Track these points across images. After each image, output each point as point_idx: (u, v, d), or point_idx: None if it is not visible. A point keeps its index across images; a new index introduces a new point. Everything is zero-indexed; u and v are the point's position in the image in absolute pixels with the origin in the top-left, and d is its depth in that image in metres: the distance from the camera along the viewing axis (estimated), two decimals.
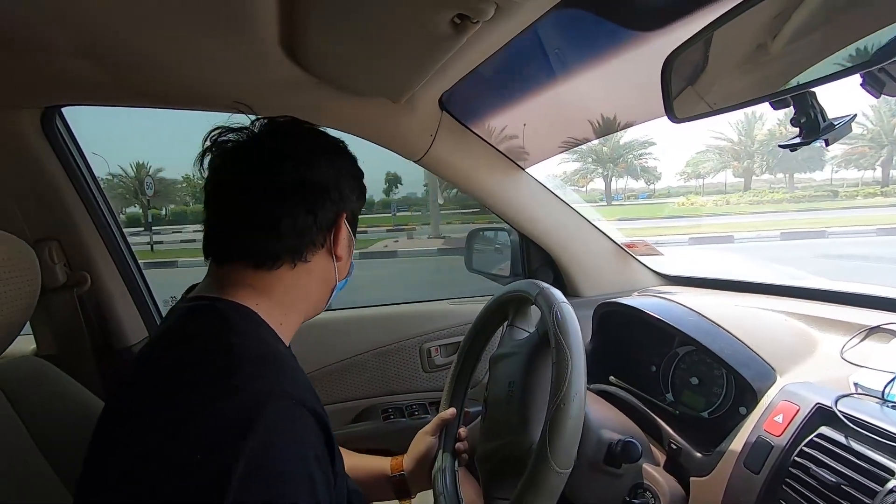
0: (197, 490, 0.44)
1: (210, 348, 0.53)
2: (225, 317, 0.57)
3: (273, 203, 0.61)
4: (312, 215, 0.63)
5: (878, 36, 0.48)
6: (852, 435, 0.64)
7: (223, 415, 0.47)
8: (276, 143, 0.65)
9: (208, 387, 0.49)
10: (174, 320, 0.60)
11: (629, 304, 1.08)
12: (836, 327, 0.92)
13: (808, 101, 0.55)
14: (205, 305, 0.59)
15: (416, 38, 0.73)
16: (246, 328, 0.57)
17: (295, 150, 0.64)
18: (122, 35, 0.81)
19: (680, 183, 40.41)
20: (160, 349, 0.58)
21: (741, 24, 0.56)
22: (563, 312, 0.69)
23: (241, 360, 0.52)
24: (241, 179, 0.62)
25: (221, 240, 0.63)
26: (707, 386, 0.95)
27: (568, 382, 0.61)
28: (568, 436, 0.60)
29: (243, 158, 0.63)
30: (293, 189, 0.62)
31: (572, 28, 0.87)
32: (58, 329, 1.20)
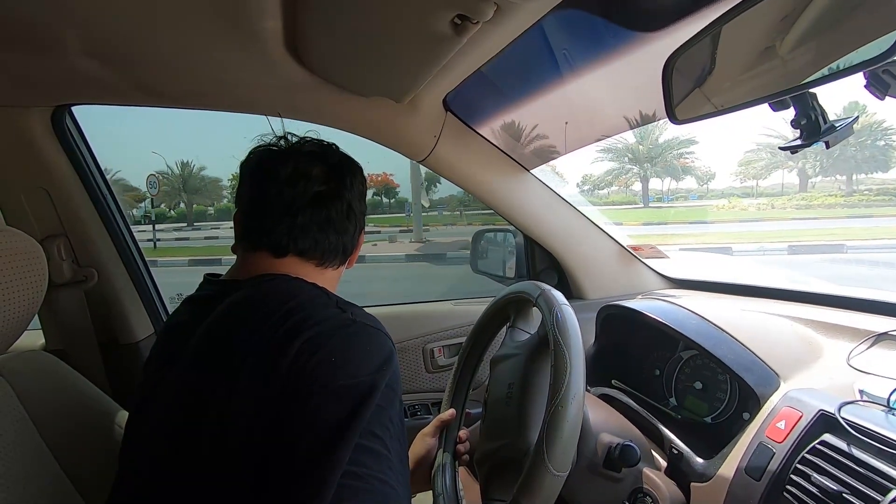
0: (343, 393, 0.53)
1: (314, 295, 0.63)
2: (306, 281, 0.66)
3: (344, 211, 0.73)
4: (359, 226, 0.77)
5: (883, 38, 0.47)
6: (855, 443, 0.63)
7: (360, 336, 0.59)
8: (339, 161, 0.75)
9: (329, 319, 0.59)
10: (254, 288, 0.65)
11: (633, 307, 1.08)
12: (842, 333, 0.91)
13: (808, 102, 0.54)
14: (284, 277, 0.67)
15: (417, 38, 0.73)
16: (327, 291, 0.66)
17: (353, 171, 0.76)
18: (129, 35, 0.82)
19: (736, 183, 37.27)
20: (262, 300, 0.63)
21: (742, 24, 0.55)
22: (563, 314, 0.69)
23: (345, 304, 0.63)
24: (318, 187, 0.71)
25: (290, 235, 0.69)
26: (711, 391, 0.94)
27: (566, 385, 0.61)
28: (565, 438, 0.60)
29: (315, 170, 0.72)
30: (356, 203, 0.75)
31: (574, 29, 0.87)
32: (65, 324, 1.22)
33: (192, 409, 0.58)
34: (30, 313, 0.76)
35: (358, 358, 0.57)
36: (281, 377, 0.53)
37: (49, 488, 0.77)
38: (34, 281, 0.75)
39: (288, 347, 0.55)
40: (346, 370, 0.55)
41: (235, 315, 0.62)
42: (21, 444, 0.76)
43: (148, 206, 22.48)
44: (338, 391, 0.53)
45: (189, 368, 0.61)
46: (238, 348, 0.58)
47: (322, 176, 0.71)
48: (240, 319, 0.62)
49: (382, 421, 0.55)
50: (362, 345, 0.58)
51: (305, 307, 0.60)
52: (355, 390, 0.54)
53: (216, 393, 0.56)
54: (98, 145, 1.23)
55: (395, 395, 0.58)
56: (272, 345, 0.56)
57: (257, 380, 0.54)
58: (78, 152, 1.17)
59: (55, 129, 1.12)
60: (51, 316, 1.23)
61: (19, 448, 0.76)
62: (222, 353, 0.59)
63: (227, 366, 0.57)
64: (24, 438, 0.78)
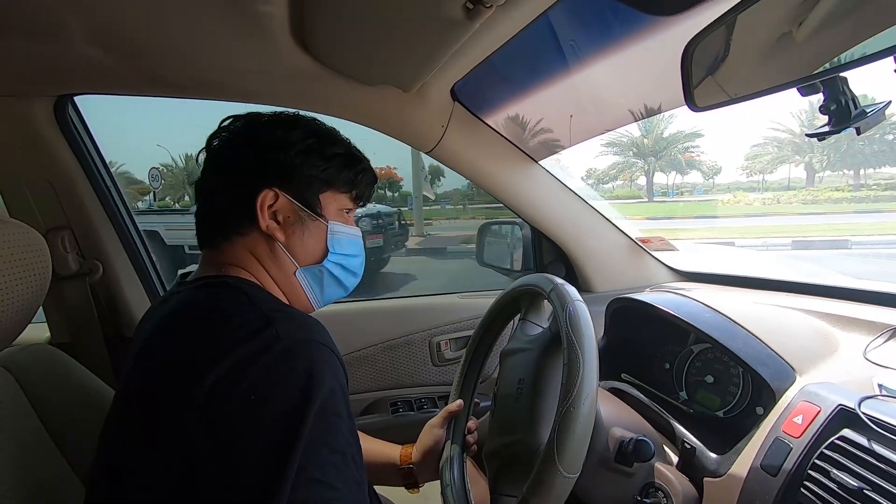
0: (269, 434, 0.48)
1: (241, 310, 0.57)
2: (241, 287, 0.61)
3: (207, 186, 0.68)
4: (227, 194, 0.66)
5: None
6: (877, 438, 0.62)
7: (280, 362, 0.51)
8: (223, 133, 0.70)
9: (251, 339, 0.52)
10: (184, 297, 0.63)
11: (642, 299, 1.06)
12: (859, 326, 0.89)
13: (838, 86, 0.52)
14: (218, 281, 0.63)
15: (427, 23, 0.72)
16: (262, 296, 0.61)
17: (232, 132, 0.69)
18: (133, 23, 0.81)
19: (742, 178, 36.12)
20: (181, 320, 0.59)
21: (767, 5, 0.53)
22: (576, 311, 0.67)
23: (272, 314, 0.55)
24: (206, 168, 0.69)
25: (208, 224, 0.68)
26: (723, 385, 0.93)
27: (579, 385, 0.60)
28: (576, 440, 0.58)
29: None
30: (220, 170, 0.68)
31: (588, 14, 0.85)
32: (70, 317, 1.21)
33: (117, 417, 0.59)
34: (34, 306, 0.75)
35: (280, 392, 0.50)
36: (194, 421, 0.49)
37: (53, 481, 0.77)
38: (38, 274, 0.74)
39: (195, 388, 0.50)
40: (269, 409, 0.49)
41: (158, 334, 0.60)
42: (26, 437, 0.76)
43: (152, 200, 22.55)
44: (260, 437, 0.48)
45: (125, 377, 0.61)
46: (152, 378, 0.56)
47: (210, 156, 0.70)
48: (159, 341, 0.59)
49: (319, 458, 0.50)
50: (284, 373, 0.51)
51: (221, 328, 0.54)
52: (280, 434, 0.48)
53: (134, 415, 0.56)
54: (102, 138, 1.22)
55: (329, 425, 0.51)
56: (181, 385, 0.51)
57: (169, 418, 0.51)
58: (81, 143, 1.16)
59: (58, 120, 1.11)
60: (56, 309, 1.22)
61: (24, 441, 0.75)
62: (143, 377, 0.58)
63: (143, 393, 0.56)
64: (29, 432, 0.77)
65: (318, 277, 0.70)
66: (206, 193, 0.68)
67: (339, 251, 0.71)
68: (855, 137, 7.96)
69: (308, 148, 0.67)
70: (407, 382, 1.39)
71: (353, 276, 0.75)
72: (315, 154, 0.68)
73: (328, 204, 0.69)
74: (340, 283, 0.74)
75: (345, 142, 0.73)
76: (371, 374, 1.37)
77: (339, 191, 0.71)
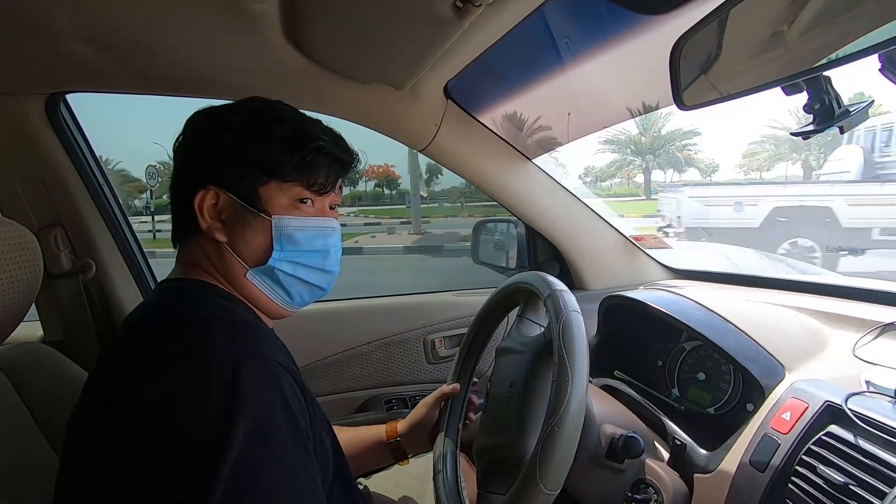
0: (193, 458, 0.46)
1: (181, 321, 0.56)
2: (192, 293, 0.61)
3: (178, 173, 0.65)
4: (175, 195, 0.64)
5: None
6: (862, 434, 0.62)
7: (208, 382, 0.48)
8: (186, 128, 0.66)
9: (181, 358, 0.50)
10: (147, 302, 0.65)
11: (635, 297, 1.07)
12: (848, 324, 0.90)
13: (822, 86, 0.53)
14: (172, 286, 0.63)
15: (417, 22, 0.72)
16: (212, 302, 0.60)
17: (188, 126, 0.65)
18: (126, 20, 0.81)
19: (740, 175, 35.27)
20: (134, 329, 0.60)
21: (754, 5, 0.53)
22: (570, 324, 0.65)
23: (211, 324, 0.53)
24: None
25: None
26: (714, 382, 0.93)
27: (565, 405, 0.59)
28: (558, 459, 0.58)
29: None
30: (181, 159, 0.64)
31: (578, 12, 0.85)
32: (63, 315, 1.21)
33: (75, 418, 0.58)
34: (26, 304, 0.75)
35: (207, 416, 0.47)
36: (124, 434, 0.48)
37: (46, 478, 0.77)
38: (29, 272, 0.74)
39: (131, 398, 0.49)
40: (194, 433, 0.46)
41: (122, 337, 0.61)
42: (18, 435, 0.76)
43: (149, 198, 22.52)
44: (186, 464, 0.46)
45: (89, 380, 0.61)
46: (104, 384, 0.56)
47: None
48: (117, 346, 0.60)
49: (258, 481, 0.46)
50: (210, 395, 0.47)
51: (155, 348, 0.52)
52: (207, 458, 0.45)
53: (81, 417, 0.56)
54: (98, 135, 1.21)
55: (265, 444, 0.48)
56: (119, 390, 0.50)
57: (103, 427, 0.50)
58: (73, 141, 1.15)
59: (50, 118, 1.10)
60: (49, 307, 1.22)
61: (17, 439, 0.76)
62: (99, 381, 0.58)
63: (94, 397, 0.56)
64: (22, 429, 0.77)
65: (274, 278, 0.64)
66: (170, 195, 0.67)
67: (289, 248, 0.63)
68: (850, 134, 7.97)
69: (244, 132, 0.61)
70: (402, 380, 1.39)
71: (321, 273, 0.68)
72: (249, 139, 0.61)
73: (273, 196, 0.62)
74: (306, 282, 0.66)
75: (294, 119, 0.65)
76: (366, 371, 1.37)
77: (287, 179, 0.62)
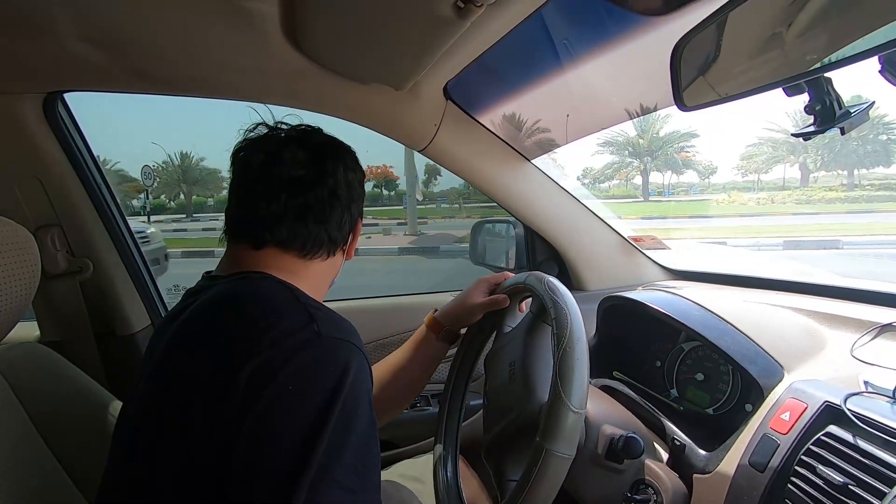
0: (295, 427, 0.50)
1: (283, 302, 0.59)
2: (283, 282, 0.63)
3: (326, 197, 0.68)
4: (349, 214, 0.72)
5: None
6: (861, 434, 0.62)
7: (318, 358, 0.54)
8: (320, 144, 0.71)
9: (294, 332, 0.54)
10: (223, 288, 0.63)
11: (634, 297, 1.07)
12: (846, 324, 0.90)
13: (823, 87, 0.53)
14: (259, 275, 0.64)
15: (418, 22, 0.72)
16: (300, 291, 0.62)
17: (337, 155, 0.72)
18: (124, 19, 0.80)
19: (738, 177, 35.63)
20: (226, 308, 0.60)
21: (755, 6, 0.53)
22: (554, 282, 0.73)
23: (314, 311, 0.58)
24: (293, 172, 0.67)
25: (265, 225, 0.66)
26: (712, 382, 0.94)
27: (569, 330, 0.63)
28: (578, 374, 0.61)
29: (289, 154, 0.68)
30: (342, 189, 0.70)
31: (579, 13, 0.85)
32: (60, 316, 1.21)
33: (152, 412, 0.58)
34: (23, 304, 0.75)
35: (314, 387, 0.52)
36: (234, 405, 0.51)
37: (44, 479, 0.77)
38: (27, 272, 0.74)
39: (239, 372, 0.51)
40: (302, 401, 0.51)
41: (200, 320, 0.61)
42: (16, 435, 0.76)
43: (146, 198, 22.60)
44: (290, 429, 0.50)
45: (155, 370, 0.61)
46: (194, 362, 0.56)
47: (299, 160, 0.68)
48: (201, 327, 0.60)
49: (341, 460, 0.50)
50: (320, 369, 0.53)
51: (267, 316, 0.56)
52: (308, 429, 0.50)
53: (172, 403, 0.56)
54: (97, 135, 1.21)
55: (353, 428, 0.52)
56: (224, 368, 0.53)
57: (210, 402, 0.52)
58: (71, 140, 1.15)
59: (47, 117, 1.10)
60: (46, 307, 1.21)
61: (14, 439, 0.75)
62: (182, 363, 0.58)
63: (184, 378, 0.56)
64: (19, 430, 0.77)
65: None
66: (319, 207, 0.68)
67: None
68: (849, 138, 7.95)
69: (361, 182, 0.75)
70: None
71: None
72: (362, 188, 0.76)
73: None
74: None
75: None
76: None
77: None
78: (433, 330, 0.93)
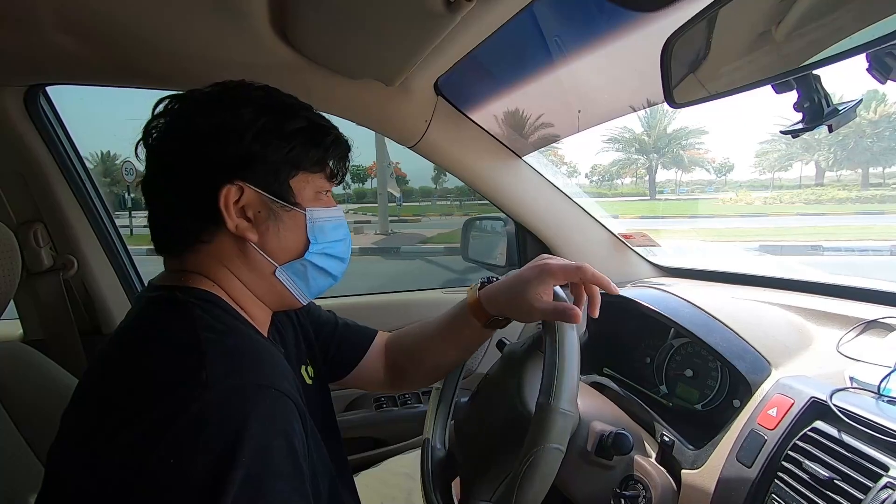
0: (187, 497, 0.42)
1: (174, 342, 0.50)
2: (188, 306, 0.54)
3: (149, 187, 0.58)
4: (177, 194, 0.57)
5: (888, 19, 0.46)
6: (846, 429, 0.63)
7: (202, 420, 0.44)
8: (169, 110, 0.60)
9: (175, 390, 0.46)
10: (135, 313, 0.57)
11: (624, 294, 1.07)
12: (832, 321, 0.91)
13: (812, 84, 0.53)
14: (164, 296, 0.56)
15: (409, 17, 0.71)
16: (210, 315, 0.54)
17: (166, 124, 0.59)
18: (107, 11, 0.79)
19: (755, 175, 34.75)
20: (124, 345, 0.54)
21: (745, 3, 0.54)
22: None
23: (210, 349, 0.49)
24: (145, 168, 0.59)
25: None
26: (701, 378, 0.94)
27: (559, 327, 0.64)
28: (569, 373, 0.61)
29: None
30: (159, 167, 0.58)
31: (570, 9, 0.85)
32: (44, 314, 1.18)
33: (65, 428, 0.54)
34: (2, 302, 0.73)
35: (201, 458, 0.43)
36: (115, 466, 0.44)
37: (26, 480, 0.75)
38: (7, 269, 0.72)
39: (121, 431, 0.45)
40: (188, 477, 0.43)
41: (106, 354, 0.55)
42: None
43: (127, 194, 22.39)
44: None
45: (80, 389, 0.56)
46: (92, 405, 0.51)
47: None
48: (104, 364, 0.54)
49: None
50: (207, 434, 0.44)
51: (145, 375, 0.48)
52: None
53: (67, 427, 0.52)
54: (101, 128, 1.18)
55: (262, 491, 0.44)
56: (112, 420, 0.46)
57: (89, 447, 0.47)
58: (54, 134, 1.12)
59: (29, 111, 1.07)
60: (29, 305, 1.19)
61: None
62: (85, 393, 0.54)
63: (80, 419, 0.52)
64: (0, 430, 0.75)
65: (302, 272, 0.63)
66: (153, 195, 0.59)
67: (322, 240, 0.63)
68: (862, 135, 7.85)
69: (264, 128, 0.58)
70: None
71: (341, 262, 0.67)
72: (273, 134, 0.59)
73: (301, 189, 0.61)
74: (327, 273, 0.66)
75: (305, 111, 0.64)
76: None
77: (311, 171, 0.62)
78: (478, 318, 0.76)
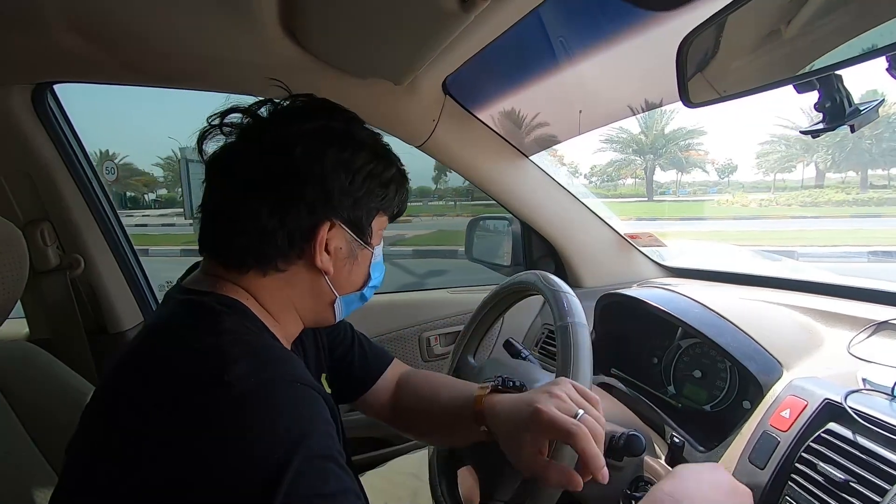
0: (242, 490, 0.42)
1: (200, 347, 0.49)
2: (216, 313, 0.53)
3: (237, 193, 0.55)
4: (277, 218, 0.54)
5: None
6: (862, 431, 0.63)
7: (241, 408, 0.44)
8: (264, 128, 0.58)
9: (209, 387, 0.45)
10: (165, 314, 0.57)
11: (631, 294, 1.07)
12: (842, 322, 0.91)
13: (833, 84, 0.53)
14: (195, 300, 0.55)
15: (421, 15, 0.70)
16: (236, 326, 0.53)
17: (277, 135, 0.56)
18: (115, 9, 0.78)
19: (759, 177, 33.29)
20: (152, 345, 0.53)
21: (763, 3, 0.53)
22: (553, 279, 0.80)
23: (238, 356, 0.48)
24: (221, 166, 0.57)
25: (203, 233, 0.58)
26: (710, 379, 0.94)
27: (572, 317, 0.69)
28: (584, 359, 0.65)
29: (229, 144, 0.58)
30: (261, 180, 0.54)
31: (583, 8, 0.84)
32: (50, 313, 1.18)
33: (88, 424, 0.52)
34: (10, 302, 0.73)
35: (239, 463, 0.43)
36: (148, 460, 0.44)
37: (33, 479, 0.75)
38: (14, 268, 0.72)
39: (156, 429, 0.44)
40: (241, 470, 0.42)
41: (137, 349, 0.54)
42: (3, 435, 0.74)
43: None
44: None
45: (103, 388, 0.54)
46: (123, 400, 0.49)
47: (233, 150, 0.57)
48: (136, 358, 0.53)
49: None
50: (244, 426, 0.44)
51: (181, 366, 0.48)
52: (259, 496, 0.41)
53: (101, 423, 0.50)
54: (104, 128, 1.18)
55: (317, 472, 0.44)
56: (142, 421, 0.45)
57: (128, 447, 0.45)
58: (61, 133, 1.12)
59: (36, 109, 1.07)
60: (35, 304, 1.19)
61: (2, 439, 0.74)
62: (115, 391, 0.52)
63: (112, 408, 0.50)
64: (7, 430, 0.75)
65: (352, 301, 0.65)
66: (229, 205, 0.56)
67: (377, 275, 0.66)
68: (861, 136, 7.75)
69: (370, 173, 0.59)
70: None
71: (374, 290, 0.69)
72: (376, 181, 0.59)
73: (376, 229, 0.63)
74: (364, 298, 0.67)
75: (396, 158, 0.64)
76: None
77: (386, 213, 0.64)
78: (479, 422, 0.69)
